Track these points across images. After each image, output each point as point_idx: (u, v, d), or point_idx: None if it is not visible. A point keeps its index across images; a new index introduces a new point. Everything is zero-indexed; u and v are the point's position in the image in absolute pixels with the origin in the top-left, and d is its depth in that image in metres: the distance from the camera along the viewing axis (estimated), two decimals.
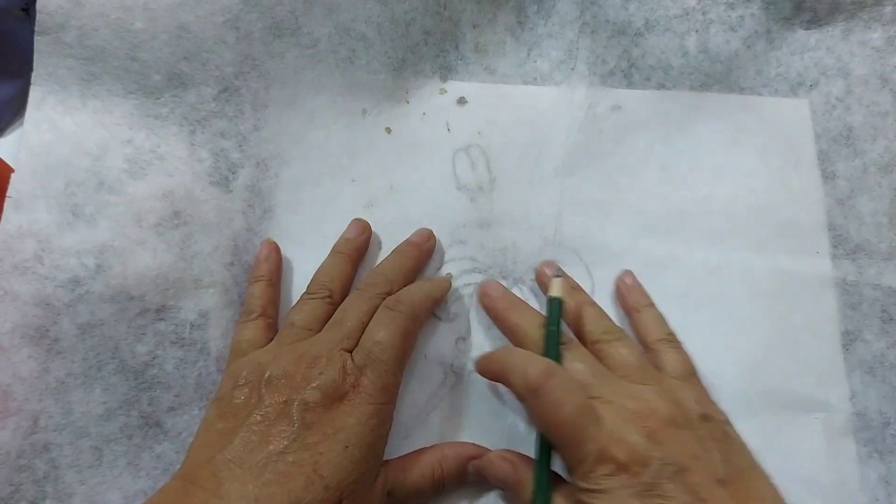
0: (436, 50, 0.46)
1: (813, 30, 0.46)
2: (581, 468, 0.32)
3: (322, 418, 0.33)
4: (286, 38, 0.43)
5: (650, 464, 0.31)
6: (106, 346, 0.39)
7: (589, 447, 0.31)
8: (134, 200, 0.40)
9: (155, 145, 0.41)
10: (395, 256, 0.42)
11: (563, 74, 0.46)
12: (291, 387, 0.34)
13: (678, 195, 0.45)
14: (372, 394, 0.34)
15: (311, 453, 0.32)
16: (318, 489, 0.31)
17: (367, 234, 0.42)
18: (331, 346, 0.35)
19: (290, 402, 0.33)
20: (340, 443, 0.32)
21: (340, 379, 0.34)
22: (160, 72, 0.41)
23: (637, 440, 0.31)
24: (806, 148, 0.45)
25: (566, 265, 0.43)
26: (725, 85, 0.46)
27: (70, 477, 0.37)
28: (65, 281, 0.39)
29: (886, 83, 0.46)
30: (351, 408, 0.33)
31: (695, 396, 0.35)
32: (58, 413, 0.38)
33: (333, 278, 0.40)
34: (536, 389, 0.33)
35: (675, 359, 0.38)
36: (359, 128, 0.45)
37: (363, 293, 0.39)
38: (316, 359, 0.35)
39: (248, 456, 0.31)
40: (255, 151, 0.43)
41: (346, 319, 0.37)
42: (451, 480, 0.37)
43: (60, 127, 0.40)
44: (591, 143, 0.45)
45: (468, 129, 0.45)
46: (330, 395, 0.33)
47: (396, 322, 0.37)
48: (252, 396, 0.34)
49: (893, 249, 0.43)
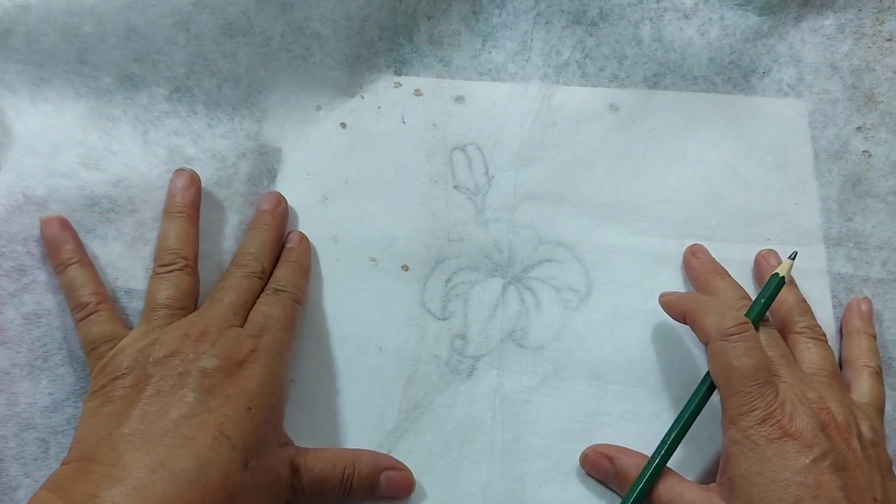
0: (390, 44, 0.46)
1: (766, 16, 0.46)
2: (744, 420, 0.33)
3: (222, 383, 0.33)
4: (238, 38, 0.43)
5: (815, 448, 0.32)
6: (53, 336, 0.38)
7: (758, 403, 0.33)
8: (87, 184, 0.40)
9: (108, 145, 0.41)
10: (256, 233, 0.41)
11: (518, 66, 0.47)
12: (184, 360, 0.33)
13: (631, 185, 0.45)
14: (270, 357, 0.35)
15: (215, 415, 0.32)
16: (224, 449, 0.31)
17: (198, 186, 0.40)
18: (218, 321, 0.35)
19: (185, 373, 0.33)
20: (243, 404, 0.32)
21: (236, 346, 0.34)
22: (111, 74, 0.42)
23: (808, 423, 0.32)
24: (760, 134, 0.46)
25: (563, 262, 0.43)
26: (679, 74, 0.46)
27: (15, 469, 0.37)
28: (9, 269, 0.39)
29: (836, 71, 0.46)
30: (250, 371, 0.34)
31: (872, 425, 0.35)
32: (2, 404, 0.37)
33: (182, 244, 0.38)
34: (728, 336, 0.34)
35: (871, 388, 0.38)
36: (313, 124, 0.45)
37: (237, 273, 0.38)
38: (203, 333, 0.35)
39: (147, 427, 0.31)
40: (211, 146, 0.43)
41: (226, 296, 0.37)
42: (360, 485, 0.36)
43: (12, 131, 0.40)
44: (545, 135, 0.46)
45: (423, 122, 0.46)
46: (227, 362, 0.33)
47: (284, 302, 0.38)
48: (140, 379, 0.33)
49: (842, 235, 0.43)
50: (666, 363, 0.41)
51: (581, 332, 0.42)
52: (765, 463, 0.32)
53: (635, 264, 0.43)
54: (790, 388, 0.34)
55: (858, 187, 0.44)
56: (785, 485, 0.31)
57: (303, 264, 0.41)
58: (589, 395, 0.40)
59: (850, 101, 0.46)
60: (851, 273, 0.43)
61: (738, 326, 0.35)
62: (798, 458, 0.31)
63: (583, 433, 0.39)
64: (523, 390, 0.40)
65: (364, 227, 0.44)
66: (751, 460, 0.32)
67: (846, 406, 0.34)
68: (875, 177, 0.44)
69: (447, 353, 0.41)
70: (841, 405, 0.34)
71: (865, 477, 0.32)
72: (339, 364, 0.41)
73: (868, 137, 0.45)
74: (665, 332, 0.42)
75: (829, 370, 0.37)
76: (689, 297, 0.39)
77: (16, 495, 0.36)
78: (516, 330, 0.42)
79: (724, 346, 0.34)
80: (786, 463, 0.31)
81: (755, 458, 0.32)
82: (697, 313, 0.37)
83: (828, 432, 0.33)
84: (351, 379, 0.40)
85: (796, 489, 0.31)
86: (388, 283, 0.42)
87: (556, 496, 0.38)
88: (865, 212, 0.44)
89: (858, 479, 0.32)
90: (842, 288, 0.43)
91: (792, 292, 0.41)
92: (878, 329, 0.42)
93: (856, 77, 0.46)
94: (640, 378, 0.41)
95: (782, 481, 0.31)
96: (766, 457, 0.32)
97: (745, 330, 0.35)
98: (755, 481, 0.32)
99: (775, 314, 0.40)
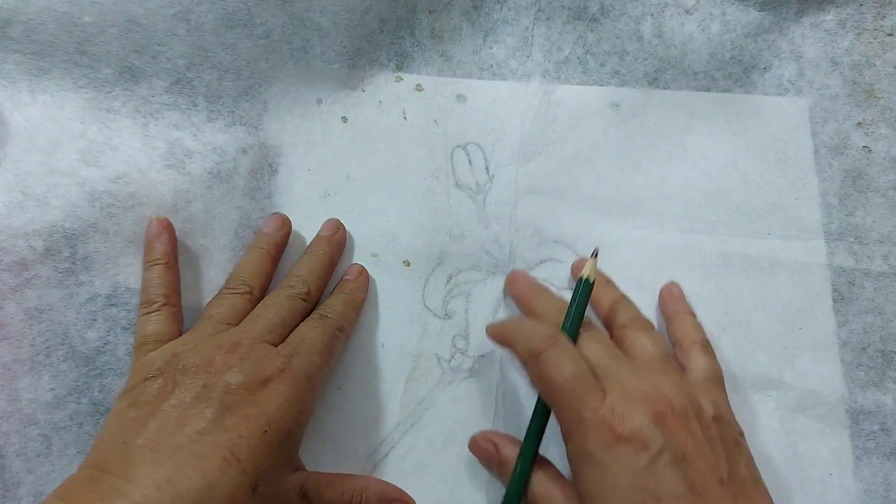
0: (391, 37, 0.46)
1: (767, 11, 0.47)
2: (576, 434, 0.32)
3: (243, 401, 0.32)
4: (238, 29, 0.43)
5: (651, 446, 0.30)
6: (55, 331, 0.38)
7: (585, 413, 0.31)
8: (87, 181, 0.40)
9: (108, 138, 0.41)
10: (309, 257, 0.41)
11: (519, 61, 0.46)
12: (210, 372, 0.33)
13: (632, 180, 0.45)
14: (297, 380, 0.34)
15: (229, 435, 0.31)
16: (234, 472, 0.31)
17: (287, 230, 0.42)
18: (251, 335, 0.35)
19: (209, 386, 0.32)
20: (260, 427, 0.32)
21: (265, 363, 0.34)
22: (111, 65, 0.41)
23: (642, 420, 0.31)
24: (760, 130, 0.46)
25: (564, 262, 0.43)
26: (679, 70, 0.46)
27: (17, 466, 0.36)
28: (11, 264, 0.38)
29: (837, 66, 0.46)
30: (274, 393, 0.33)
31: (712, 399, 0.35)
32: (4, 400, 0.37)
33: (253, 274, 0.39)
34: (539, 353, 0.33)
35: (704, 363, 0.38)
36: (314, 117, 0.45)
37: (281, 293, 0.39)
38: (235, 345, 0.34)
39: (163, 440, 0.31)
40: (210, 139, 0.43)
41: (267, 314, 0.37)
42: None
43: (10, 123, 0.40)
44: (546, 131, 0.46)
45: (424, 118, 0.46)
46: (253, 379, 0.33)
47: (325, 327, 0.37)
48: (167, 385, 0.33)
49: (843, 230, 0.44)
50: None
51: None
52: (604, 473, 0.31)
53: (636, 259, 0.43)
54: (619, 387, 0.33)
55: (859, 182, 0.44)
56: (626, 492, 0.30)
57: (356, 298, 0.41)
58: None
59: (850, 97, 0.46)
60: (853, 267, 0.43)
61: (546, 342, 0.34)
62: (635, 461, 0.30)
63: None
64: (525, 385, 0.41)
65: (366, 222, 0.43)
66: (591, 474, 0.31)
67: (682, 389, 0.33)
68: (875, 172, 0.45)
69: (449, 352, 0.41)
70: (676, 389, 0.33)
71: (708, 461, 0.31)
72: (341, 360, 0.40)
73: (868, 133, 0.45)
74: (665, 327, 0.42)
75: (660, 356, 0.36)
76: (503, 325, 0.38)
77: (18, 492, 0.36)
78: None
79: (538, 366, 0.33)
80: (624, 468, 0.30)
81: (595, 470, 0.31)
82: (510, 339, 0.36)
83: (664, 424, 0.31)
84: (352, 375, 0.40)
85: (637, 495, 0.30)
86: (390, 279, 0.42)
87: None
88: (866, 206, 0.44)
89: (700, 466, 0.31)
90: (843, 282, 0.43)
91: (609, 290, 0.40)
92: (879, 322, 0.42)
93: (856, 72, 0.46)
94: None
95: (623, 489, 0.30)
96: (605, 466, 0.31)
97: (555, 343, 0.34)
98: (596, 494, 0.31)
99: (600, 315, 0.40)
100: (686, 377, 0.37)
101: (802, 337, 0.42)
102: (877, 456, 0.40)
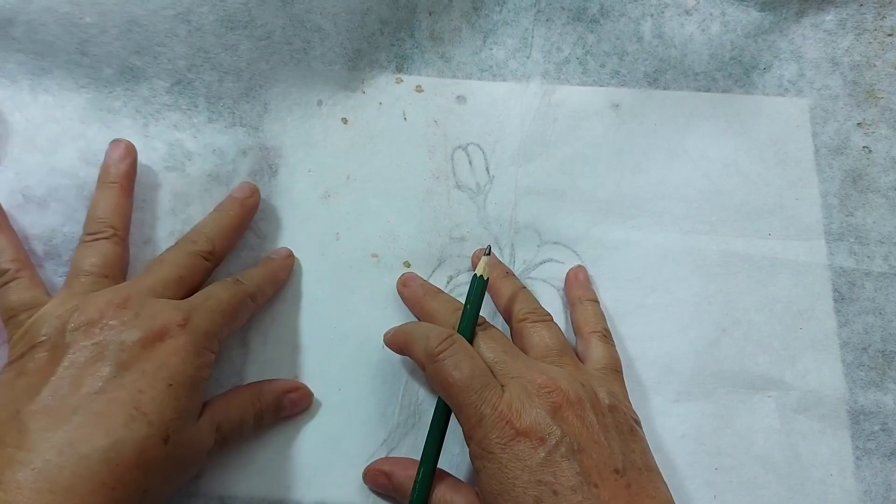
0: (391, 39, 0.46)
1: (767, 12, 0.47)
2: (476, 432, 0.32)
3: (140, 357, 0.32)
4: (239, 30, 0.43)
5: (548, 439, 0.30)
6: None
7: (485, 410, 0.31)
8: (87, 183, 0.40)
9: (108, 138, 0.41)
10: (217, 214, 0.40)
11: (519, 62, 0.47)
12: (103, 329, 0.32)
13: (632, 181, 0.45)
14: (197, 335, 0.34)
15: (129, 391, 0.31)
16: (140, 425, 0.30)
17: (133, 157, 0.39)
18: (143, 290, 0.34)
19: (102, 344, 0.32)
20: (163, 380, 0.31)
21: (160, 317, 0.33)
22: (111, 65, 0.41)
23: (538, 414, 0.31)
24: (761, 130, 0.46)
25: (564, 262, 0.43)
26: (680, 71, 0.46)
27: None
28: None
29: (837, 66, 0.46)
30: (174, 347, 0.33)
31: (608, 388, 0.35)
32: None
33: (111, 213, 0.37)
34: (436, 355, 0.33)
35: (603, 352, 0.38)
36: (315, 119, 0.45)
37: (182, 247, 0.37)
38: (126, 299, 0.33)
39: (58, 403, 0.30)
40: (210, 141, 0.43)
41: (162, 269, 0.36)
42: (269, 412, 0.37)
43: (11, 122, 0.40)
44: (546, 131, 0.46)
45: (425, 119, 0.46)
46: (149, 335, 0.32)
47: (236, 290, 0.37)
48: (57, 350, 0.32)
49: (844, 230, 0.44)
50: (668, 358, 0.41)
51: None
52: (503, 471, 0.30)
53: (636, 259, 0.43)
54: (517, 382, 0.33)
55: (859, 182, 0.44)
56: (524, 488, 0.30)
57: (278, 275, 0.41)
58: None
59: (850, 97, 0.46)
60: (853, 267, 0.43)
61: (442, 343, 0.34)
62: (533, 456, 0.30)
63: None
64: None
65: (366, 223, 0.43)
66: (490, 472, 0.31)
67: (576, 380, 0.33)
68: (875, 172, 0.45)
69: None
70: (571, 380, 0.33)
71: (604, 451, 0.31)
72: (340, 361, 0.40)
73: (868, 133, 0.45)
74: (666, 327, 0.42)
75: (557, 348, 0.36)
76: (400, 330, 0.38)
77: None
78: None
79: (436, 367, 0.33)
80: (522, 464, 0.30)
81: (494, 468, 0.31)
82: (407, 344, 0.36)
83: (561, 415, 0.31)
84: (353, 376, 0.40)
85: (535, 489, 0.30)
86: (390, 279, 0.42)
87: None
88: (866, 207, 0.44)
89: (596, 456, 0.31)
90: (843, 282, 0.43)
91: (508, 283, 0.40)
92: (879, 323, 0.42)
93: (856, 73, 0.46)
94: (642, 373, 0.41)
95: (521, 485, 0.30)
96: (503, 464, 0.30)
97: (451, 344, 0.34)
98: (496, 491, 0.31)
99: (500, 308, 0.40)
100: (583, 367, 0.37)
101: (803, 337, 0.42)
102: (877, 456, 0.40)
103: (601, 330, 0.39)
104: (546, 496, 0.29)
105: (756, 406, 0.41)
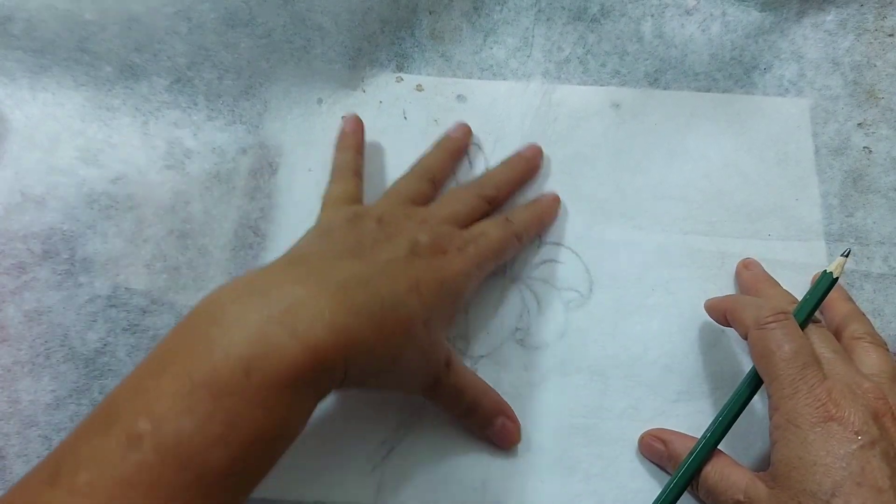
0: (392, 38, 0.46)
1: (767, 12, 0.47)
2: (786, 403, 0.32)
3: (426, 256, 0.36)
4: (239, 29, 0.43)
5: (863, 435, 0.30)
6: (54, 333, 0.38)
7: (800, 386, 0.31)
8: (86, 182, 0.40)
9: (107, 136, 0.41)
10: (508, 168, 0.43)
11: (519, 62, 0.47)
12: (402, 225, 0.37)
13: (632, 181, 0.45)
14: (469, 262, 0.37)
15: (415, 271, 0.34)
16: (415, 300, 0.33)
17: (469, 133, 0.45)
18: (438, 217, 0.39)
19: (399, 234, 0.36)
20: (437, 281, 0.35)
21: (446, 239, 0.37)
22: (111, 63, 0.41)
23: (860, 410, 0.31)
24: (761, 131, 0.46)
25: (564, 263, 0.43)
26: (680, 71, 0.46)
27: (18, 467, 0.36)
28: (10, 267, 0.38)
29: (838, 67, 0.46)
30: (450, 261, 0.36)
31: None
32: (4, 402, 0.37)
33: (436, 168, 0.42)
34: (766, 324, 0.34)
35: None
36: (315, 117, 0.45)
37: (471, 189, 0.41)
38: (424, 220, 0.38)
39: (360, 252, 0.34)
40: (210, 139, 0.43)
41: (454, 204, 0.40)
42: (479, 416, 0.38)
43: (10, 120, 0.40)
44: (546, 131, 0.46)
45: (425, 118, 0.46)
46: (436, 246, 0.36)
47: (506, 229, 0.40)
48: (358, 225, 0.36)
49: (844, 231, 0.43)
50: (668, 358, 0.41)
51: (583, 328, 0.41)
52: (806, 446, 0.30)
53: (637, 260, 0.43)
54: (842, 378, 0.32)
55: (859, 183, 0.44)
56: (825, 469, 0.30)
57: (545, 217, 0.43)
58: (591, 391, 0.40)
59: (851, 97, 0.46)
60: (852, 268, 0.43)
61: (775, 315, 0.34)
62: (843, 444, 0.30)
63: (584, 428, 0.39)
64: (525, 385, 0.40)
65: None
66: (792, 444, 0.31)
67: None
68: (876, 173, 0.45)
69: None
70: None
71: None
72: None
73: (869, 133, 0.45)
74: (667, 328, 0.42)
75: (890, 373, 0.35)
76: (729, 297, 0.40)
77: None
78: (518, 329, 0.41)
79: (763, 333, 0.34)
80: (828, 447, 0.30)
81: (796, 441, 0.31)
82: (736, 310, 0.36)
83: (881, 422, 0.31)
84: None
85: (837, 474, 0.29)
86: None
87: (557, 491, 0.38)
88: (866, 207, 0.44)
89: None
90: (843, 283, 0.42)
91: (845, 300, 0.40)
92: (879, 325, 0.41)
93: (857, 73, 0.46)
94: (642, 373, 0.41)
95: (822, 465, 0.30)
96: (808, 440, 0.30)
97: (784, 318, 0.34)
98: (794, 465, 0.30)
99: (833, 324, 0.39)
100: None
101: None
102: None
103: None
104: (847, 484, 0.29)
105: (756, 405, 0.41)
